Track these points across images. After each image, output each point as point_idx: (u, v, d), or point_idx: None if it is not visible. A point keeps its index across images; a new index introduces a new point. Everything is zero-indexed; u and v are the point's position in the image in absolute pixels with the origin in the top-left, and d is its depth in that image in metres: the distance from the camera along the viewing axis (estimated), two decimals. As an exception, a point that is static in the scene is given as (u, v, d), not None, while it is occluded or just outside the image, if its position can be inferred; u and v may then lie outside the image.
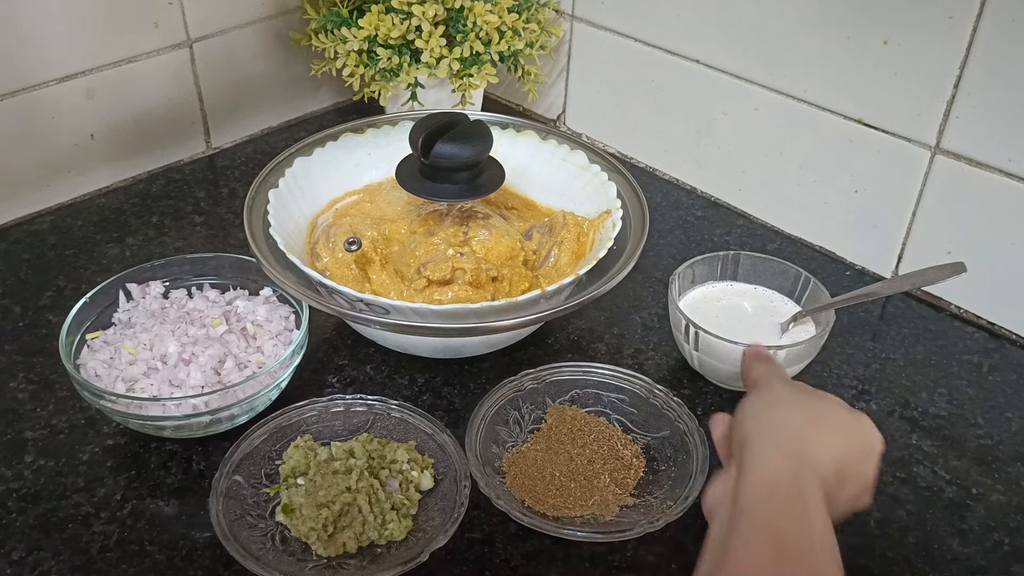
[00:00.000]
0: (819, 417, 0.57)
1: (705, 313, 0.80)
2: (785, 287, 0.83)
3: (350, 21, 1.00)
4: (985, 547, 0.68)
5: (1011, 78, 0.78)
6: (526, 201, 0.90)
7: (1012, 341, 0.86)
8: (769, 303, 0.83)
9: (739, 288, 0.84)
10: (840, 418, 0.58)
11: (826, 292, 0.80)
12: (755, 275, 0.84)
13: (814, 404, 0.58)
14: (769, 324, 0.80)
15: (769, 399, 0.59)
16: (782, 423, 0.56)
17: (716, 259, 0.84)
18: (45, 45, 0.92)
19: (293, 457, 0.69)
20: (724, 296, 0.83)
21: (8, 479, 0.70)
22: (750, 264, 0.84)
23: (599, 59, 1.09)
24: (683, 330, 0.77)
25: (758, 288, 0.84)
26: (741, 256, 0.84)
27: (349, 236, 0.80)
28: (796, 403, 0.58)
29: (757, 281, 0.84)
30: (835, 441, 0.55)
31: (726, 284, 0.84)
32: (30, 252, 0.93)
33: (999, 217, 0.83)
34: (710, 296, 0.83)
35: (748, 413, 0.58)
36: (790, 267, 0.83)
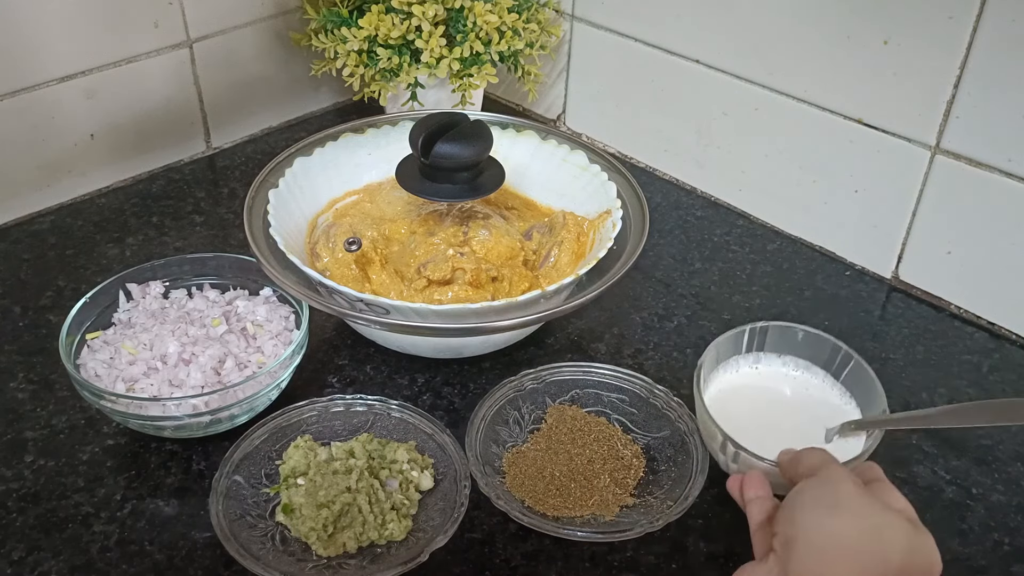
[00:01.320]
0: (881, 534, 0.51)
1: (737, 406, 0.70)
2: (820, 359, 0.73)
3: (350, 21, 1.00)
4: (985, 547, 0.68)
5: (1011, 78, 0.78)
6: (526, 201, 0.90)
7: (1012, 341, 0.86)
8: (807, 389, 0.72)
9: (770, 369, 0.73)
10: (904, 537, 0.52)
11: (869, 370, 0.70)
12: (785, 346, 0.74)
13: (878, 517, 0.52)
14: (810, 419, 0.70)
15: (829, 499, 0.53)
16: (844, 533, 0.51)
17: (742, 334, 0.73)
18: (45, 45, 0.92)
19: (293, 457, 0.69)
20: (755, 382, 0.73)
21: (8, 479, 0.70)
22: (779, 335, 0.73)
23: (599, 59, 1.09)
24: (719, 445, 0.66)
25: (788, 364, 0.73)
26: (770, 328, 0.73)
27: (349, 236, 0.80)
28: (859, 512, 0.52)
29: (787, 351, 0.74)
30: (896, 563, 0.50)
31: (752, 361, 0.74)
32: (30, 252, 0.93)
33: (999, 217, 0.83)
34: (738, 383, 0.72)
35: (801, 508, 0.53)
36: (826, 339, 0.72)
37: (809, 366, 0.73)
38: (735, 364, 0.73)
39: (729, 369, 0.73)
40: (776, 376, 0.73)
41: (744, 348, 0.73)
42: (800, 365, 0.73)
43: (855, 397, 0.71)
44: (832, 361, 0.72)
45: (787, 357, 0.73)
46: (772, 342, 0.73)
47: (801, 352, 0.73)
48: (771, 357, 0.73)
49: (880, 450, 0.75)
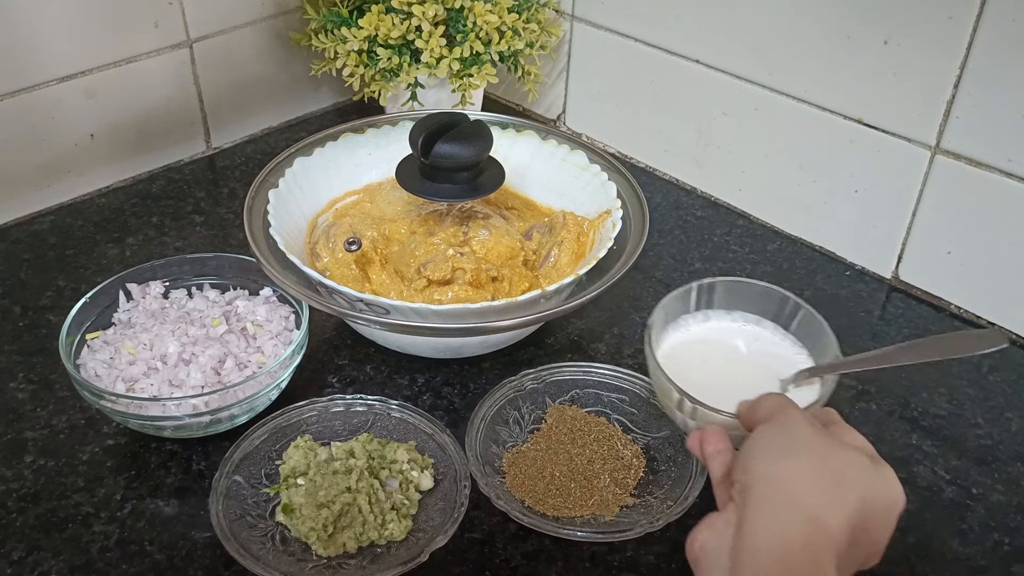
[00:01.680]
0: (840, 474, 0.49)
1: (690, 364, 0.66)
2: (769, 311, 0.70)
3: (350, 21, 1.00)
4: (985, 547, 0.68)
5: (1011, 78, 0.78)
6: (526, 201, 0.90)
7: (1012, 341, 0.86)
8: (758, 341, 0.70)
9: (720, 325, 0.70)
10: (861, 473, 0.50)
11: (819, 318, 0.67)
12: (734, 301, 0.71)
13: (836, 456, 0.50)
14: (764, 372, 0.67)
15: (785, 442, 0.51)
16: (798, 477, 0.49)
17: (688, 292, 0.70)
18: (45, 45, 0.92)
19: (293, 457, 0.69)
20: (707, 336, 0.70)
21: (8, 479, 0.70)
22: (726, 290, 0.71)
23: (599, 59, 1.09)
24: (676, 403, 0.63)
25: (738, 319, 0.70)
26: (717, 284, 0.70)
27: (349, 236, 0.80)
28: (816, 453, 0.50)
29: (736, 306, 0.71)
30: (854, 502, 0.48)
31: (701, 319, 0.70)
32: (30, 252, 0.93)
33: (999, 217, 0.83)
34: (689, 341, 0.70)
35: (758, 454, 0.51)
36: (775, 290, 0.70)
37: (759, 319, 0.70)
38: (684, 323, 0.70)
39: (679, 328, 0.70)
40: (727, 331, 0.70)
41: (692, 306, 0.70)
42: (750, 319, 0.70)
43: (807, 347, 0.68)
44: (781, 313, 0.69)
45: (736, 312, 0.71)
46: (720, 298, 0.71)
47: (750, 306, 0.70)
48: (720, 313, 0.71)
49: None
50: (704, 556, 0.50)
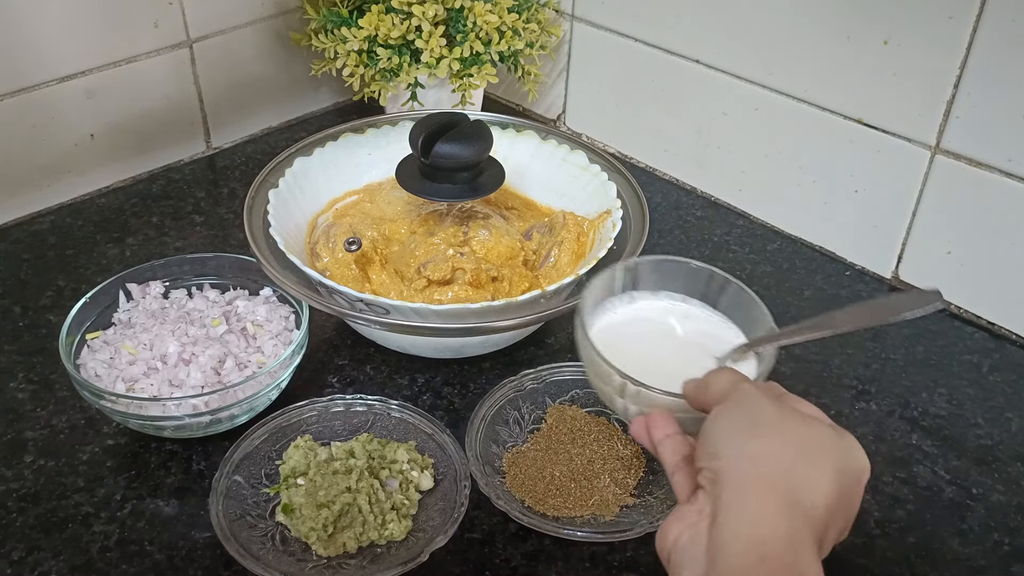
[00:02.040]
0: (807, 448, 0.48)
1: (621, 348, 0.61)
2: (696, 290, 0.67)
3: (350, 21, 1.00)
4: (985, 547, 0.68)
5: (1011, 78, 0.78)
6: (526, 201, 0.90)
7: (1012, 341, 0.86)
8: (687, 320, 0.66)
9: (647, 305, 0.67)
10: (829, 446, 0.48)
11: (749, 292, 0.64)
12: (659, 281, 0.67)
13: (802, 431, 0.48)
14: (697, 351, 0.64)
15: (749, 421, 0.49)
16: (766, 456, 0.47)
17: (612, 273, 0.65)
18: (45, 45, 0.92)
19: (293, 457, 0.69)
20: (635, 318, 0.66)
21: (8, 479, 0.70)
22: (651, 270, 0.67)
23: (599, 59, 1.09)
24: (616, 388, 0.58)
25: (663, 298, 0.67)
26: (640, 264, 0.67)
27: (349, 236, 0.80)
28: (780, 428, 0.48)
29: (661, 286, 0.67)
30: (826, 477, 0.47)
31: (627, 300, 0.66)
32: (30, 252, 0.93)
33: (999, 217, 0.83)
34: (617, 324, 0.65)
35: (723, 437, 0.49)
36: (701, 267, 0.66)
37: (686, 298, 0.67)
38: (611, 306, 0.66)
39: (607, 311, 0.65)
40: (655, 311, 0.66)
41: (618, 288, 0.66)
42: (676, 298, 0.67)
43: (737, 323, 0.65)
44: (708, 290, 0.66)
45: (662, 292, 0.67)
46: (645, 279, 0.67)
47: (676, 285, 0.67)
48: (646, 294, 0.67)
49: (880, 450, 0.75)
50: (679, 551, 0.48)
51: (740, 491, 0.46)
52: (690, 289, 0.67)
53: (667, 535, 0.49)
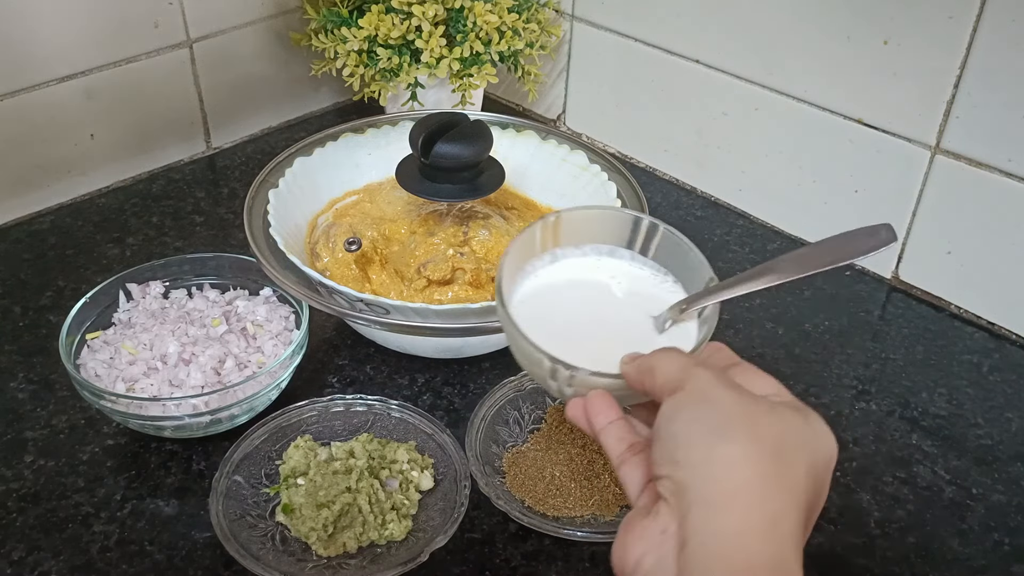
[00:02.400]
0: (781, 448, 0.42)
1: (548, 317, 0.56)
2: (622, 238, 0.59)
3: (350, 21, 1.00)
4: (985, 547, 0.68)
5: (1011, 78, 0.78)
6: (526, 201, 0.90)
7: (1012, 341, 0.86)
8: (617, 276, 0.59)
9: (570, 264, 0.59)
10: (801, 440, 0.44)
11: (682, 239, 0.58)
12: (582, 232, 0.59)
13: (769, 424, 0.43)
14: (632, 309, 0.57)
15: (708, 418, 0.43)
16: (739, 464, 0.41)
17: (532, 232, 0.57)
18: (45, 45, 0.92)
19: (293, 457, 0.69)
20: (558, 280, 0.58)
21: (8, 479, 0.70)
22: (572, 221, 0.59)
23: (599, 59, 1.09)
24: (548, 372, 0.51)
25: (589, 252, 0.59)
26: (562, 216, 0.58)
27: (349, 236, 0.80)
28: (749, 426, 0.43)
29: (585, 238, 0.59)
30: (803, 478, 0.43)
31: (549, 259, 0.59)
32: (30, 252, 0.93)
33: (999, 217, 0.83)
34: (541, 287, 0.58)
35: (683, 440, 0.43)
36: (625, 214, 0.60)
37: (613, 249, 0.59)
38: (532, 269, 0.58)
39: (528, 276, 0.58)
40: (580, 270, 0.59)
41: (538, 247, 0.58)
42: (603, 251, 0.59)
43: (672, 271, 0.59)
44: (636, 238, 0.59)
45: (587, 246, 0.59)
46: (568, 233, 0.59)
47: (600, 235, 0.59)
48: (569, 250, 0.59)
49: (880, 450, 0.75)
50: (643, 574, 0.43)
51: (713, 508, 0.41)
52: (617, 239, 0.59)
53: (627, 556, 0.44)
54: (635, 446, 0.48)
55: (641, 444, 0.48)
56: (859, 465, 0.74)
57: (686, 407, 0.44)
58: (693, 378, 0.45)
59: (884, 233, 0.52)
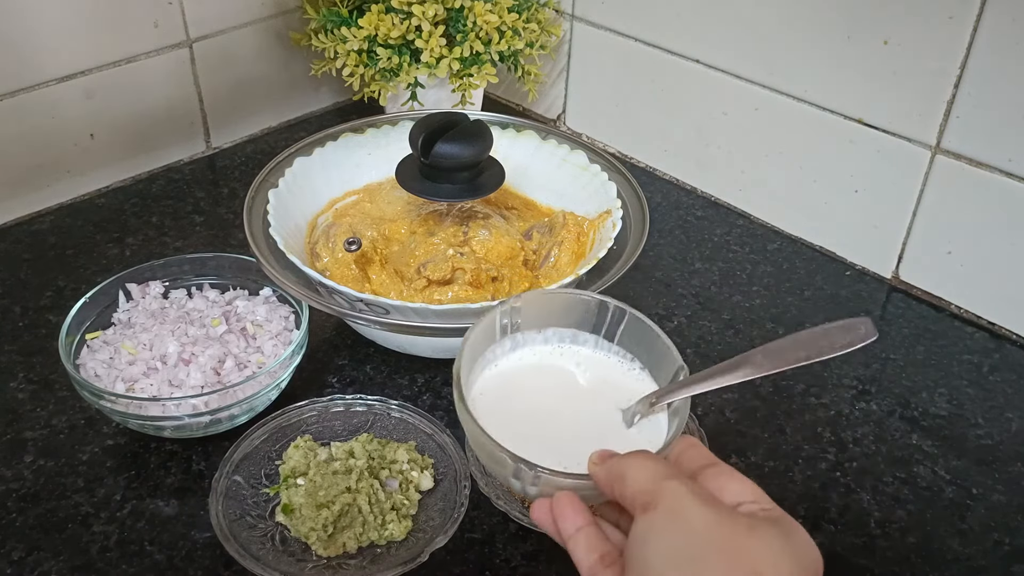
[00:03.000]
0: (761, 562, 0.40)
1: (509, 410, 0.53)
2: (587, 323, 0.57)
3: (350, 21, 1.00)
4: (985, 547, 0.68)
5: (1011, 78, 0.78)
6: (526, 201, 0.90)
7: (1012, 341, 0.86)
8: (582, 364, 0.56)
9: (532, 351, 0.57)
10: (782, 561, 0.41)
11: (650, 324, 0.55)
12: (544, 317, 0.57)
13: (749, 552, 0.41)
14: (596, 400, 0.55)
15: (684, 549, 0.41)
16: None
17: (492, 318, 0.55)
18: (45, 45, 0.92)
19: (293, 457, 0.69)
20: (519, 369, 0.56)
21: (8, 479, 0.70)
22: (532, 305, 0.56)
23: (599, 59, 1.09)
24: (511, 472, 0.49)
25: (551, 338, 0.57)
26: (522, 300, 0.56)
27: (349, 236, 0.80)
28: (728, 557, 0.40)
29: (546, 322, 0.57)
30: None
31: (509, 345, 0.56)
32: (30, 252, 0.93)
33: (999, 217, 0.83)
34: (502, 376, 0.55)
35: (656, 568, 0.41)
36: (589, 297, 0.56)
37: (576, 334, 0.57)
38: (492, 356, 0.56)
39: (488, 365, 0.56)
40: (541, 357, 0.57)
41: (498, 333, 0.56)
42: (565, 336, 0.57)
43: (638, 358, 0.56)
44: (602, 322, 0.56)
45: (549, 330, 0.57)
46: (529, 317, 0.56)
47: (563, 319, 0.57)
48: (531, 336, 0.57)
49: (880, 450, 0.75)
50: None
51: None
52: (581, 323, 0.57)
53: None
54: (606, 557, 0.45)
55: (613, 555, 0.45)
56: (859, 465, 0.74)
57: (660, 530, 0.42)
58: (666, 494, 0.43)
59: (864, 329, 0.50)
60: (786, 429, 0.76)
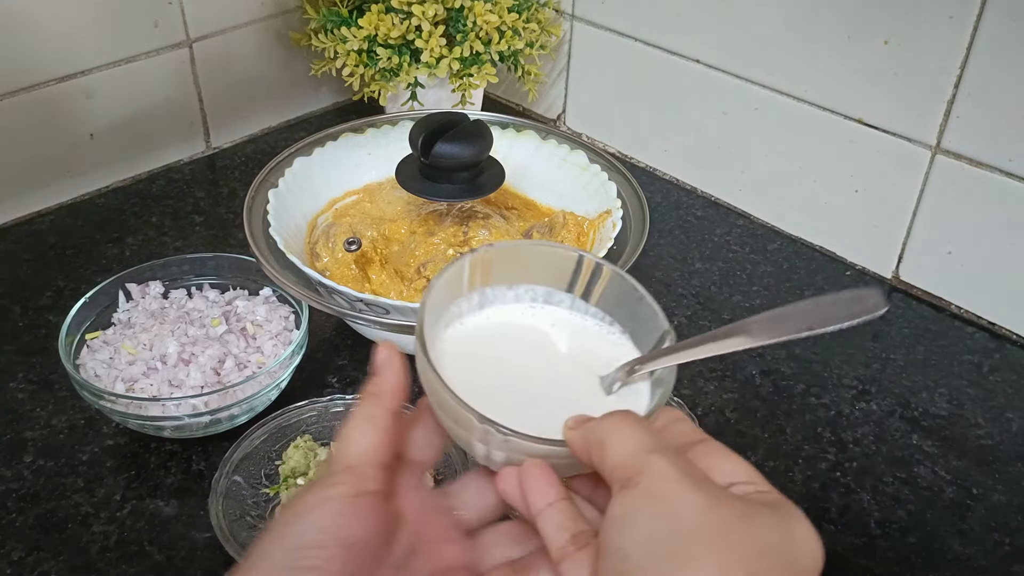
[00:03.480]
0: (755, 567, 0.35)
1: (477, 372, 0.49)
2: (562, 280, 0.51)
3: (350, 21, 1.00)
4: (986, 547, 0.68)
5: (1012, 78, 0.78)
6: (526, 201, 0.90)
7: (1012, 341, 0.86)
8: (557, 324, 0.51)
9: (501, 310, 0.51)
10: (779, 551, 0.36)
11: (633, 283, 0.49)
12: (516, 272, 0.51)
13: (740, 538, 0.36)
14: (574, 365, 0.49)
15: (669, 533, 0.35)
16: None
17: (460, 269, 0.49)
18: (45, 45, 0.92)
19: (293, 457, 0.69)
20: (486, 327, 0.51)
21: (8, 479, 0.70)
22: (503, 258, 0.50)
23: (599, 59, 1.09)
24: (479, 435, 0.43)
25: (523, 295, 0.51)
26: (493, 252, 0.50)
27: (349, 236, 0.80)
28: (716, 543, 0.35)
29: (520, 278, 0.51)
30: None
31: (477, 301, 0.51)
32: (30, 252, 0.93)
33: (999, 217, 0.83)
34: (467, 335, 0.50)
35: (636, 558, 0.36)
36: (567, 252, 0.50)
37: (550, 292, 0.51)
38: (458, 311, 0.51)
39: (453, 321, 0.51)
40: (510, 316, 0.51)
41: (465, 286, 0.50)
42: (538, 294, 0.51)
43: (619, 321, 0.50)
44: (576, 279, 0.51)
45: (521, 287, 0.51)
46: (500, 270, 0.51)
47: (537, 275, 0.51)
48: (500, 291, 0.51)
49: (880, 450, 0.75)
50: None
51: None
52: (556, 280, 0.51)
53: None
54: (579, 537, 0.39)
55: (587, 535, 0.39)
56: (859, 465, 0.74)
57: (641, 515, 0.36)
58: (650, 471, 0.37)
59: (872, 301, 0.44)
60: (786, 429, 0.76)
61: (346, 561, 0.39)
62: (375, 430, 0.44)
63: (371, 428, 0.44)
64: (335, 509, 0.40)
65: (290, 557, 0.38)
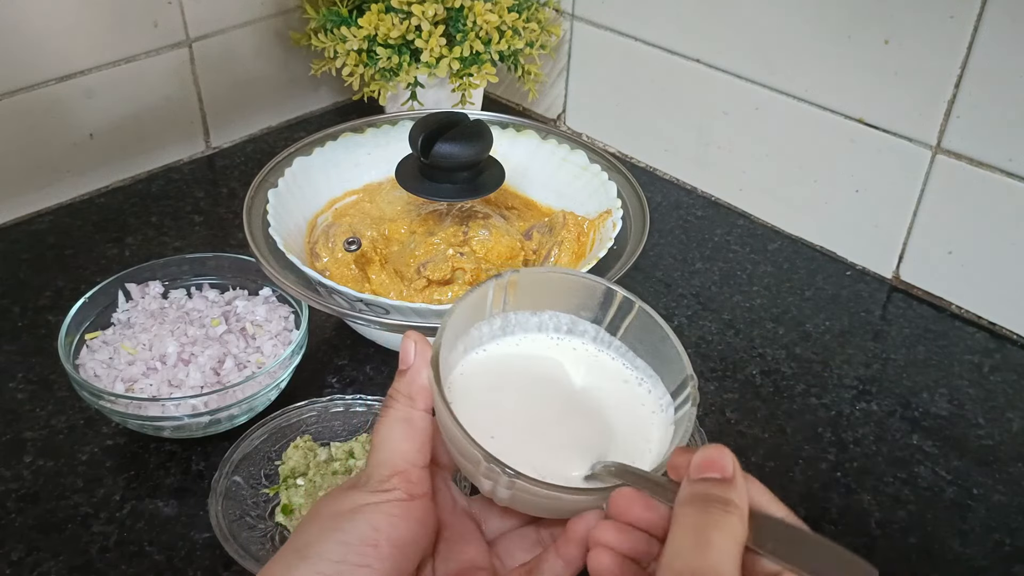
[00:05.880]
0: None
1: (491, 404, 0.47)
2: (589, 308, 0.50)
3: (350, 20, 1.00)
4: (986, 547, 0.68)
5: (1012, 78, 0.78)
6: (526, 201, 0.90)
7: (1013, 341, 0.86)
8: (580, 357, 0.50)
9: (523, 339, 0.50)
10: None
11: (660, 323, 0.48)
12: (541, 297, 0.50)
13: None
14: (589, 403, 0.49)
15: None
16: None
17: (485, 292, 0.48)
18: (45, 45, 0.92)
19: (293, 458, 0.69)
20: (504, 356, 0.50)
21: (7, 479, 0.70)
22: (532, 283, 0.50)
23: (599, 59, 1.09)
24: (483, 471, 0.43)
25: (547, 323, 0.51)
26: (521, 278, 0.49)
27: (349, 236, 0.80)
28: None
29: (543, 303, 0.50)
30: None
31: (500, 326, 0.50)
32: (30, 252, 0.93)
33: (1000, 217, 0.83)
34: (485, 362, 0.49)
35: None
36: (595, 282, 0.50)
37: (575, 322, 0.51)
38: (478, 337, 0.49)
39: (473, 347, 0.49)
40: (535, 346, 0.50)
41: (489, 310, 0.49)
42: (562, 323, 0.51)
43: (642, 357, 0.50)
44: (602, 311, 0.50)
45: (545, 314, 0.51)
46: (525, 294, 0.50)
47: (564, 303, 0.50)
48: (523, 316, 0.50)
49: (881, 450, 0.75)
50: None
51: None
52: (583, 309, 0.51)
53: None
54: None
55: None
56: (860, 465, 0.74)
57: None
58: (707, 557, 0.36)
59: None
60: (787, 429, 0.76)
61: (397, 560, 0.41)
62: (415, 432, 0.44)
63: (411, 431, 0.44)
64: (389, 511, 0.42)
65: (343, 551, 0.40)
